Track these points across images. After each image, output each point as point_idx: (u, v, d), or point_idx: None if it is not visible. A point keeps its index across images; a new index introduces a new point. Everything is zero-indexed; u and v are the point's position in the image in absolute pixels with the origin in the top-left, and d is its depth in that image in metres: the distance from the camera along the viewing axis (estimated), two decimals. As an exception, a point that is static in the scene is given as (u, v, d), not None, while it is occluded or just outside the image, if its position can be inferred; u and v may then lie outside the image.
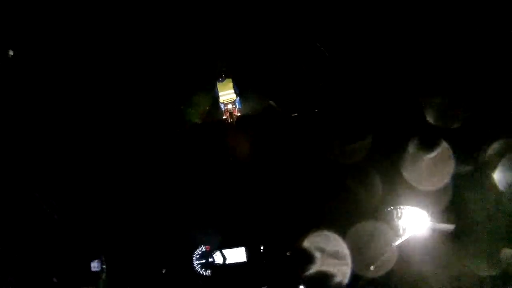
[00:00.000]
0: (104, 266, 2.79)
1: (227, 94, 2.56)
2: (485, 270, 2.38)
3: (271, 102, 2.67)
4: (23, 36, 2.79)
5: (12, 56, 2.74)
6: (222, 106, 2.65)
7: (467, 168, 2.59)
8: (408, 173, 2.69)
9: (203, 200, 2.99)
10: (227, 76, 2.57)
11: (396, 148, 2.81)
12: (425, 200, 2.60)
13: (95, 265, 2.77)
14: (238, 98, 2.63)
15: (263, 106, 2.74)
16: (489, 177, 2.50)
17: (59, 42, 2.88)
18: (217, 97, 2.58)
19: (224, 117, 2.65)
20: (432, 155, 2.69)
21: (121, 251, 2.91)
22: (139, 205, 2.96)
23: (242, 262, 2.94)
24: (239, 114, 2.65)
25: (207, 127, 2.83)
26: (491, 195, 2.48)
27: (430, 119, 2.74)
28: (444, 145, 2.66)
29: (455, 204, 2.55)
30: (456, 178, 2.56)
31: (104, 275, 2.82)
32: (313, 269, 2.79)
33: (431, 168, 2.69)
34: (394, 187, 2.69)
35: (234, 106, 2.59)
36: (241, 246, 2.96)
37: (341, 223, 2.78)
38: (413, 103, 2.80)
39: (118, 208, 2.95)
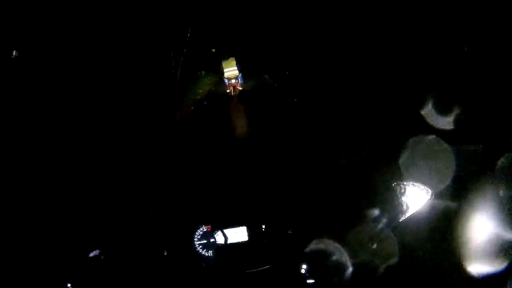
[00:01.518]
0: (101, 251, 2.76)
1: (230, 71, 2.85)
2: (486, 252, 2.40)
3: (266, 77, 2.87)
4: (23, 36, 2.72)
5: (14, 56, 2.68)
6: (226, 81, 2.92)
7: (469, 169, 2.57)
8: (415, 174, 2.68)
9: (203, 179, 2.96)
10: (230, 56, 2.87)
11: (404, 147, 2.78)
12: (428, 177, 2.59)
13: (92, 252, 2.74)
14: (240, 74, 2.91)
15: (261, 82, 2.90)
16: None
17: (59, 42, 2.82)
18: (222, 74, 2.84)
19: (227, 90, 2.94)
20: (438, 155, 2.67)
21: (121, 234, 2.88)
22: (137, 186, 2.91)
23: (244, 242, 2.92)
24: (241, 88, 2.94)
25: (212, 100, 3.02)
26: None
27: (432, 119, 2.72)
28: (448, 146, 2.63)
29: (458, 183, 2.55)
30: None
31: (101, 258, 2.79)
32: (316, 247, 2.79)
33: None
34: (397, 163, 2.68)
35: (236, 81, 2.88)
36: (242, 225, 2.93)
37: (343, 199, 2.78)
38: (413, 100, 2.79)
39: (116, 190, 2.90)
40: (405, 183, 2.61)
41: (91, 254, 2.73)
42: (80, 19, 2.89)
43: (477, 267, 2.32)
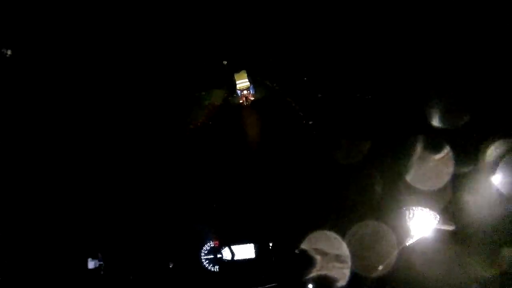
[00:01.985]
0: (102, 263, 2.75)
1: (242, 83, 3.03)
2: (488, 273, 2.43)
3: (267, 82, 3.04)
4: (22, 36, 2.78)
5: (10, 55, 2.72)
6: (238, 92, 3.10)
7: (470, 169, 2.64)
8: (416, 174, 2.75)
9: (213, 195, 2.98)
10: (242, 68, 3.07)
11: (405, 148, 2.85)
12: (434, 201, 2.65)
13: (92, 263, 2.73)
14: (251, 85, 3.09)
15: (271, 92, 3.18)
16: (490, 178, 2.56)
17: (58, 42, 2.88)
18: (235, 85, 3.04)
19: (240, 101, 3.12)
20: (438, 156, 2.74)
21: (126, 246, 2.87)
22: (147, 199, 2.93)
23: (250, 259, 2.92)
24: (252, 98, 3.12)
25: (225, 109, 3.15)
26: (494, 196, 2.54)
27: (432, 120, 2.79)
28: (448, 146, 2.71)
29: (460, 205, 2.60)
30: (460, 179, 2.61)
31: (102, 272, 2.77)
32: (322, 269, 2.80)
33: (437, 169, 2.74)
34: (405, 187, 2.73)
35: (248, 92, 3.06)
36: (250, 242, 2.95)
37: (351, 223, 2.81)
38: (416, 104, 2.86)
39: (125, 201, 2.92)
40: (413, 207, 2.66)
41: (92, 266, 2.72)
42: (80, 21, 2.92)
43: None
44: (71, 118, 3.01)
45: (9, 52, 2.81)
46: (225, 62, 3.12)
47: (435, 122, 2.80)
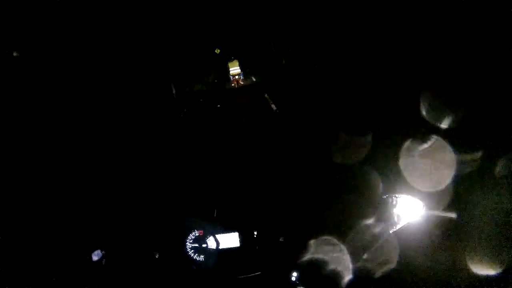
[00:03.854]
0: (103, 253, 2.77)
1: (235, 70, 3.69)
2: (481, 264, 2.38)
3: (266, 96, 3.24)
4: (23, 36, 2.73)
5: (14, 55, 2.69)
6: (231, 77, 3.44)
7: (465, 163, 2.55)
8: (404, 163, 2.67)
9: (196, 184, 2.97)
10: (235, 58, 3.51)
11: (392, 138, 2.78)
12: (420, 189, 2.58)
13: (95, 255, 2.75)
14: (241, 72, 3.15)
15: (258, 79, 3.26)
16: (488, 172, 2.47)
17: (58, 41, 2.84)
18: (228, 71, 2.99)
19: (232, 84, 3.63)
20: (429, 147, 2.65)
21: (120, 238, 2.89)
22: (132, 191, 2.93)
23: (235, 247, 2.92)
24: (242, 82, 3.37)
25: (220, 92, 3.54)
26: (491, 190, 2.46)
27: (427, 115, 2.70)
28: (442, 139, 2.62)
29: (453, 195, 2.53)
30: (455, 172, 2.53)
31: (103, 261, 2.80)
32: (307, 255, 2.79)
33: (428, 161, 2.66)
34: (389, 175, 2.67)
35: (239, 77, 3.34)
36: (234, 231, 2.94)
37: (335, 210, 2.77)
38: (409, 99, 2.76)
39: (114, 195, 2.92)
40: (396, 195, 2.60)
41: (95, 258, 2.75)
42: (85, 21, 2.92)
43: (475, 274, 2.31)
44: (66, 113, 3.01)
45: (14, 53, 2.79)
46: (218, 51, 3.41)
47: (432, 118, 2.70)
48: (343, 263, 2.69)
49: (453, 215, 2.44)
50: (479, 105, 2.54)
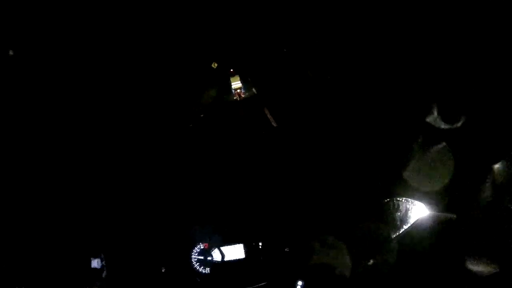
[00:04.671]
0: (104, 263, 2.80)
1: (236, 84, 3.64)
2: (483, 265, 2.33)
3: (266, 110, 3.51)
4: (23, 36, 2.86)
5: (11, 55, 2.79)
6: (233, 91, 3.70)
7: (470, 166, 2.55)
8: (408, 167, 2.68)
9: (201, 196, 3.01)
10: (236, 73, 3.71)
11: (393, 141, 2.80)
12: (421, 192, 2.57)
13: (95, 263, 2.78)
14: (242, 86, 3.71)
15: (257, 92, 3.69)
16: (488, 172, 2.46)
17: (59, 41, 2.96)
18: (230, 85, 3.67)
19: (234, 97, 3.68)
20: (433, 150, 2.67)
21: (121, 248, 2.93)
22: (136, 202, 2.98)
23: (240, 259, 2.92)
24: (243, 95, 3.72)
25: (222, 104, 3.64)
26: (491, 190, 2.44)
27: (428, 117, 2.73)
28: (442, 140, 2.64)
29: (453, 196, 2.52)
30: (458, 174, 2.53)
31: (104, 273, 2.82)
32: (312, 265, 2.76)
33: (430, 163, 2.66)
34: (390, 179, 2.68)
35: (240, 90, 3.65)
36: (239, 243, 2.95)
37: (338, 217, 2.77)
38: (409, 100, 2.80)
39: (116, 204, 2.98)
40: (398, 198, 2.60)
41: (95, 265, 2.78)
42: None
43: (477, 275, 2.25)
44: (68, 116, 3.09)
45: (10, 52, 2.86)
46: (215, 65, 3.59)
47: (434, 119, 2.74)
48: (348, 271, 2.66)
49: (453, 216, 2.42)
50: (479, 105, 2.56)
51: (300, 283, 2.71)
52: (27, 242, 2.73)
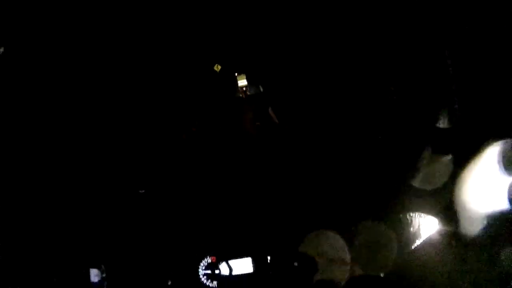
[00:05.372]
0: (104, 276, 2.74)
1: (242, 82, 3.69)
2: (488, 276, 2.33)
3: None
4: (23, 36, 2.83)
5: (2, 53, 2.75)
6: (239, 88, 3.74)
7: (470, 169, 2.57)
8: (417, 179, 2.69)
9: (209, 209, 2.98)
10: (242, 72, 3.75)
11: (406, 153, 2.82)
12: (434, 206, 2.58)
13: (95, 275, 2.72)
14: (248, 84, 3.74)
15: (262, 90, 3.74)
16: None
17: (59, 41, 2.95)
18: (236, 84, 3.70)
19: (240, 95, 3.72)
20: (441, 160, 2.69)
21: (124, 261, 2.87)
22: (142, 214, 2.95)
23: (248, 273, 2.88)
24: (249, 93, 3.76)
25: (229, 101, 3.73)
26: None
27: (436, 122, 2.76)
28: (451, 150, 2.66)
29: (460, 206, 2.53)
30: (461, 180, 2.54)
31: (105, 286, 2.76)
32: (321, 279, 2.74)
33: (439, 173, 2.68)
34: (404, 193, 2.69)
35: (246, 88, 3.69)
36: (247, 256, 2.91)
37: (349, 231, 2.76)
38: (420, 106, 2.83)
39: (120, 216, 2.93)
40: (411, 213, 2.61)
41: (94, 278, 2.72)
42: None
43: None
44: (71, 124, 3.06)
45: (1, 49, 2.81)
46: (218, 68, 3.70)
47: (436, 122, 2.76)
48: (358, 283, 2.64)
49: (464, 231, 2.42)
50: (479, 105, 2.60)
51: (309, 297, 2.68)
52: (27, 251, 2.67)
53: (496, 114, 2.59)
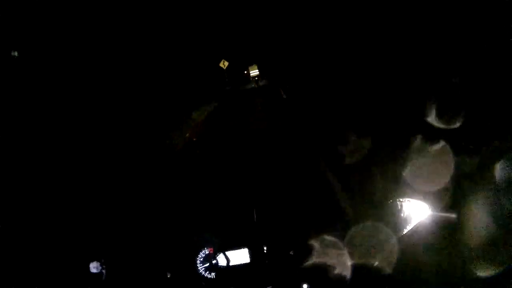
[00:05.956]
0: (104, 267, 2.80)
1: (254, 72, 3.87)
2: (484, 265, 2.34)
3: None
4: (25, 36, 2.89)
5: (15, 56, 2.82)
6: (251, 79, 3.83)
7: (468, 164, 2.58)
8: (409, 167, 2.71)
9: (205, 201, 3.04)
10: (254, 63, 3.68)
11: (396, 142, 2.84)
12: (425, 192, 2.60)
13: (94, 267, 2.77)
14: (259, 74, 3.77)
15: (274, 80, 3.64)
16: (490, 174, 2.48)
17: (60, 42, 3.01)
18: (249, 74, 3.66)
19: (253, 85, 3.80)
20: (433, 149, 2.70)
21: (123, 254, 2.94)
22: (140, 207, 3.00)
23: (245, 263, 2.93)
24: (261, 83, 3.77)
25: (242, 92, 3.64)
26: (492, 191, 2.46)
27: (430, 117, 2.76)
28: (445, 140, 2.67)
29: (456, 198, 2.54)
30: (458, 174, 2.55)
31: (103, 277, 2.82)
32: (317, 267, 2.78)
33: (432, 163, 2.69)
34: (394, 179, 2.71)
35: (258, 78, 3.82)
36: (244, 247, 2.96)
37: (343, 219, 2.79)
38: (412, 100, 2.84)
39: (118, 208, 2.99)
40: (401, 199, 2.62)
41: (94, 270, 2.77)
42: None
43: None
44: (73, 123, 3.12)
45: (15, 53, 2.88)
46: (225, 64, 3.79)
47: (434, 119, 2.77)
48: (353, 273, 2.67)
49: (455, 215, 2.43)
50: (479, 105, 2.60)
51: (305, 286, 2.72)
52: (26, 245, 2.74)
53: (496, 114, 2.60)
